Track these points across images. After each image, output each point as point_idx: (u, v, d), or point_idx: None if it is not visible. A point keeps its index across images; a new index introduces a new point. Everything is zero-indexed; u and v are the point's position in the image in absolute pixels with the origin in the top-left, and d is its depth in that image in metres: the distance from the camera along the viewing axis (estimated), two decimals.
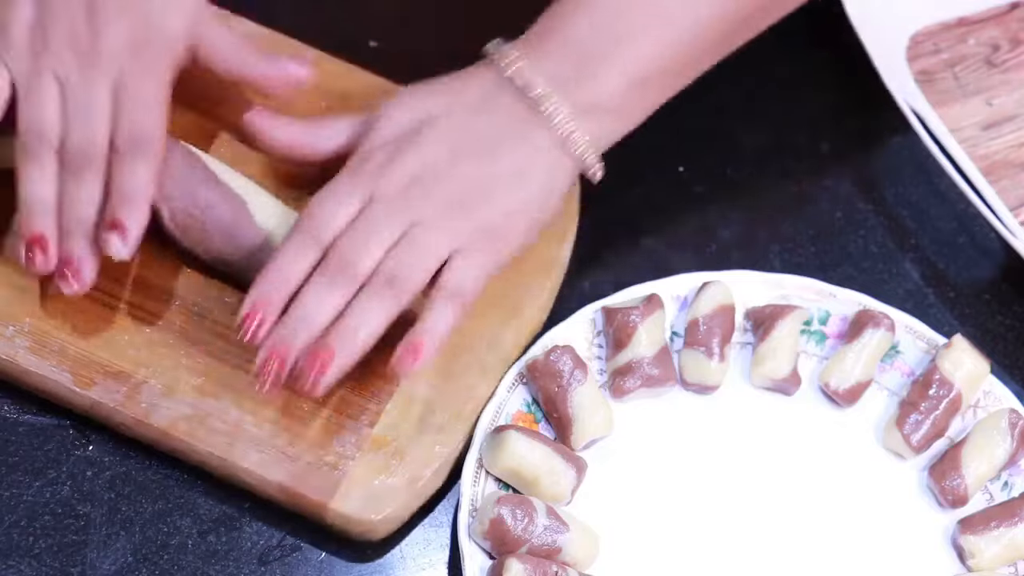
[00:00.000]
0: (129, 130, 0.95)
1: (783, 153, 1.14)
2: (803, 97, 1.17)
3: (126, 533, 0.95)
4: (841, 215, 1.11)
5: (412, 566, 0.96)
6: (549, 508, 0.94)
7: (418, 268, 0.95)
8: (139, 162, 0.95)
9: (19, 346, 0.97)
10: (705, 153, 1.13)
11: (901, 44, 1.17)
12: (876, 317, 1.01)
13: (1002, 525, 0.97)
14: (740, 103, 1.15)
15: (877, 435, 1.02)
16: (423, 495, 0.96)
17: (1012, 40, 1.18)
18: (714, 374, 1.01)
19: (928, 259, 1.10)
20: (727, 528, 0.98)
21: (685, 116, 1.02)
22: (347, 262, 0.94)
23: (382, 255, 0.95)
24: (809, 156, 1.14)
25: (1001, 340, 1.07)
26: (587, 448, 0.99)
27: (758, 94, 1.16)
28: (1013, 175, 1.12)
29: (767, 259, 1.08)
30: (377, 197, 0.95)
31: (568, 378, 0.98)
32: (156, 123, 0.96)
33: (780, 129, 1.15)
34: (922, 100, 1.14)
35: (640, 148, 1.01)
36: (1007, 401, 1.02)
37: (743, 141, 1.14)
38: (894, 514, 0.99)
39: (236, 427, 0.95)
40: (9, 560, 0.94)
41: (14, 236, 0.98)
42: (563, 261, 1.04)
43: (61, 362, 0.97)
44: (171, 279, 1.01)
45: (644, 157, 1.04)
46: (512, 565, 0.91)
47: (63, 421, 0.98)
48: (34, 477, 0.96)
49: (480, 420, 0.98)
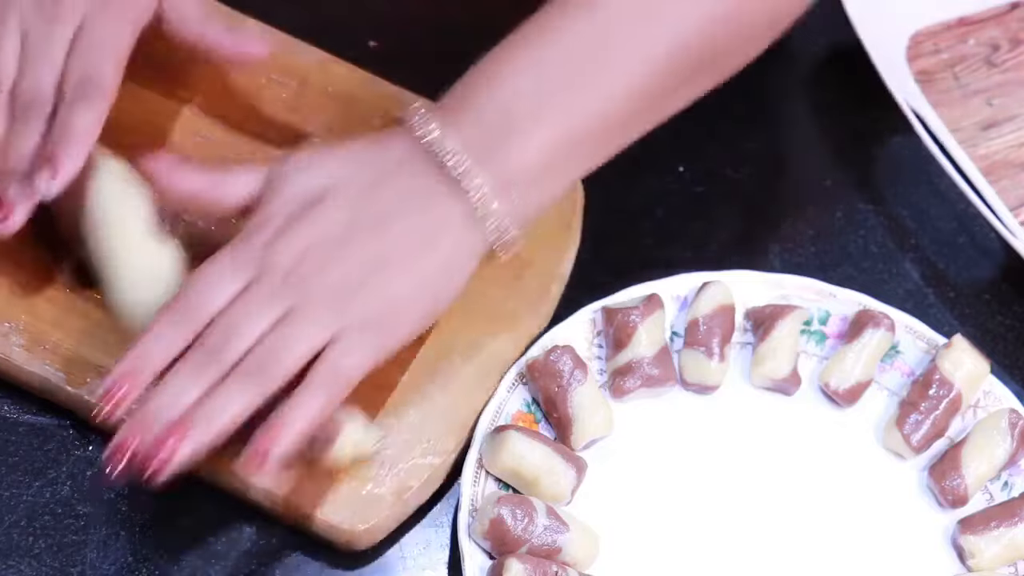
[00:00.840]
0: (80, 73, 0.94)
1: (783, 153, 1.14)
2: (803, 97, 1.17)
3: (126, 533, 0.95)
4: (841, 215, 1.11)
5: (412, 566, 0.96)
6: (549, 508, 0.94)
7: (288, 357, 0.88)
8: (84, 103, 0.93)
9: (14, 344, 0.97)
10: (705, 153, 1.13)
11: (901, 44, 1.17)
12: (876, 317, 1.01)
13: (1002, 525, 0.97)
14: (740, 103, 1.15)
15: (877, 435, 1.02)
16: (411, 506, 0.95)
17: (1012, 40, 1.18)
18: (714, 374, 1.01)
19: (928, 259, 1.10)
20: (727, 528, 0.98)
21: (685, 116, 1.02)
22: (217, 349, 0.88)
23: (255, 341, 0.88)
24: (809, 156, 1.14)
25: (1001, 340, 1.07)
26: (587, 448, 0.99)
27: (758, 94, 1.16)
28: (1013, 175, 1.12)
29: (767, 259, 1.08)
30: (260, 276, 0.89)
31: (568, 378, 0.98)
32: (109, 69, 0.95)
33: (780, 129, 1.15)
34: (922, 100, 1.14)
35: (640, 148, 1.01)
36: (1007, 401, 1.02)
37: (743, 141, 1.14)
38: (894, 514, 0.99)
39: None
40: (9, 560, 0.94)
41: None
42: (564, 274, 1.04)
43: (55, 361, 0.96)
44: None
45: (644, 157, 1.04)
46: (512, 565, 0.91)
47: (63, 421, 0.98)
48: (34, 477, 0.96)
49: (480, 420, 0.98)
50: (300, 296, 0.89)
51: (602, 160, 0.96)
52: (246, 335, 0.88)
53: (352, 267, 0.90)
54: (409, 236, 0.91)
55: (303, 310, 0.89)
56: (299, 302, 0.89)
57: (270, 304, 0.89)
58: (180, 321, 0.89)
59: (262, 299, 0.89)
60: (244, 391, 0.88)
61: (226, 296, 0.89)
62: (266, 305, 0.89)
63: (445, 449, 0.96)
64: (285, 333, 0.89)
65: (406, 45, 1.14)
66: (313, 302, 0.89)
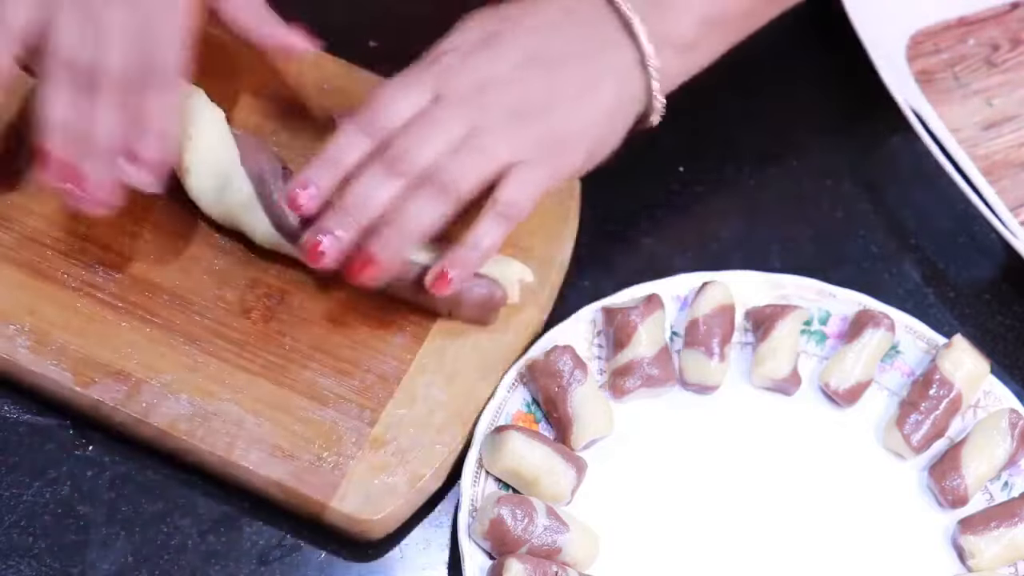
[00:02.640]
0: (147, 59, 0.94)
1: (783, 153, 1.14)
2: (803, 97, 1.17)
3: (126, 533, 0.95)
4: (841, 215, 1.11)
5: (412, 566, 0.96)
6: (549, 508, 0.94)
7: (475, 173, 0.94)
8: (155, 93, 0.94)
9: (19, 345, 0.97)
10: (705, 153, 1.13)
11: (901, 44, 1.17)
12: (876, 317, 1.02)
13: (1002, 525, 0.97)
14: (740, 103, 1.15)
15: (877, 435, 1.02)
16: (423, 494, 0.96)
17: (1012, 40, 1.18)
18: (714, 374, 1.01)
19: (928, 259, 1.10)
20: (727, 528, 0.98)
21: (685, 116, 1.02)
22: (404, 156, 0.94)
23: (440, 154, 0.94)
24: (809, 156, 1.14)
25: (1001, 340, 1.07)
26: (587, 448, 0.99)
27: (758, 94, 1.16)
28: (1013, 175, 1.12)
29: (767, 259, 1.08)
30: (442, 97, 0.95)
31: (568, 378, 0.98)
32: (173, 57, 0.95)
33: (780, 129, 1.15)
34: (922, 100, 1.14)
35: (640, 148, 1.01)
36: (1007, 401, 1.02)
37: (743, 141, 1.14)
38: (894, 514, 0.99)
39: (236, 426, 0.95)
40: (9, 560, 0.94)
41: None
42: (563, 261, 1.04)
43: (61, 361, 0.97)
44: (171, 278, 1.01)
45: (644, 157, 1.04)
46: (512, 565, 0.91)
47: (63, 421, 0.98)
48: (34, 477, 0.96)
49: (480, 420, 0.98)
50: (481, 118, 0.95)
51: (738, 39, 1.03)
52: (431, 147, 0.94)
53: (529, 96, 0.96)
54: (579, 78, 0.97)
55: (486, 130, 0.94)
56: (481, 124, 0.95)
57: (452, 123, 0.94)
58: (366, 129, 0.94)
59: (445, 117, 0.94)
60: (435, 204, 0.93)
61: (408, 111, 0.95)
62: (449, 123, 0.94)
63: (454, 438, 0.97)
64: (472, 151, 0.94)
65: (406, 45, 1.13)
66: (495, 124, 0.95)
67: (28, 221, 1.01)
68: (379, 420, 0.97)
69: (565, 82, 0.97)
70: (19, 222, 1.01)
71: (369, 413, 0.97)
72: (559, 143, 0.96)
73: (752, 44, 1.04)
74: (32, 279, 0.99)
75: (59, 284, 0.99)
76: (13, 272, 0.99)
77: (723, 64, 1.03)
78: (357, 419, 0.97)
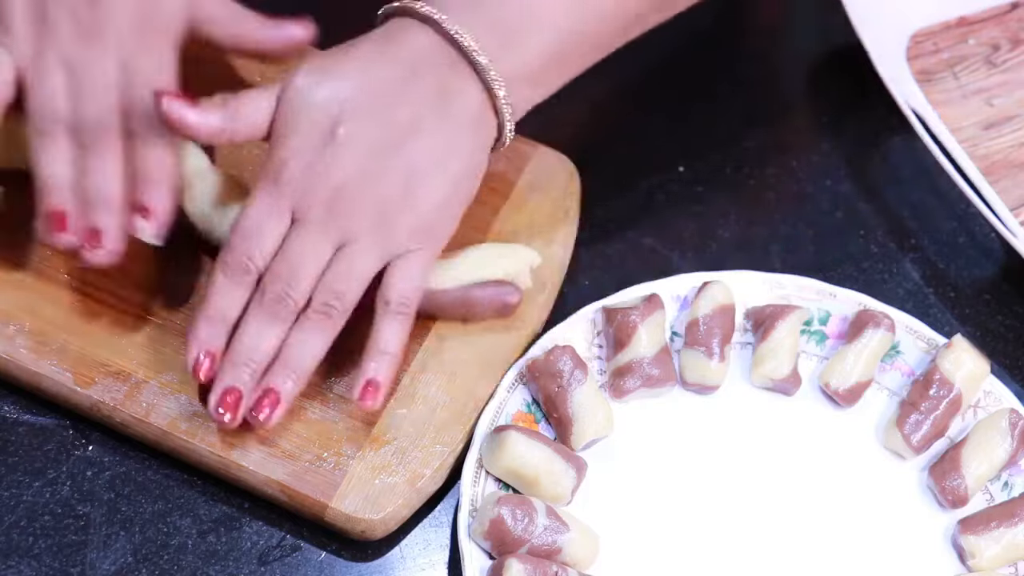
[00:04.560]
0: (142, 107, 0.95)
1: (783, 153, 1.14)
2: (803, 97, 1.17)
3: (126, 533, 0.95)
4: (841, 215, 1.11)
5: (412, 566, 0.96)
6: (549, 508, 0.94)
7: (354, 288, 0.94)
8: (156, 141, 0.95)
9: (19, 345, 0.97)
10: (705, 153, 1.13)
11: (901, 44, 1.17)
12: (876, 317, 1.02)
13: (1002, 525, 0.97)
14: (740, 103, 1.15)
15: (877, 435, 1.02)
16: (423, 494, 0.96)
17: (1012, 40, 1.18)
18: (714, 374, 1.01)
19: (928, 259, 1.10)
20: (727, 528, 0.98)
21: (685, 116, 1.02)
22: (282, 298, 0.93)
23: (315, 280, 0.94)
24: (809, 156, 1.14)
25: (1001, 340, 1.07)
26: (587, 448, 0.99)
27: (758, 94, 1.16)
28: (1013, 175, 1.12)
29: (767, 259, 1.08)
30: (301, 217, 0.94)
31: (568, 378, 0.98)
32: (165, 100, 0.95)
33: (780, 129, 1.15)
34: (922, 100, 1.14)
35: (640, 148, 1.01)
36: (1007, 401, 1.02)
37: (743, 141, 1.14)
38: (894, 514, 0.99)
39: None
40: (9, 560, 0.94)
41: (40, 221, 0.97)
42: (563, 262, 1.04)
43: (61, 361, 0.97)
44: (171, 278, 1.01)
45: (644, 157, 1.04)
46: (512, 565, 0.91)
47: (63, 421, 0.98)
48: (34, 477, 0.96)
49: (480, 420, 0.98)
50: (346, 231, 0.94)
51: (585, 68, 1.00)
52: (307, 277, 0.93)
53: (385, 194, 0.94)
54: (433, 145, 0.95)
55: (354, 243, 0.94)
56: (347, 236, 0.94)
57: (319, 245, 0.94)
58: (238, 274, 0.94)
59: (311, 242, 0.94)
60: (322, 331, 0.94)
61: (273, 240, 0.94)
62: (316, 247, 0.93)
63: (454, 438, 0.97)
64: (344, 269, 0.94)
65: None
66: (361, 233, 0.94)
67: (28, 221, 1.01)
68: (379, 420, 0.97)
69: (419, 157, 0.94)
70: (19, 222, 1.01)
71: (369, 413, 0.97)
72: (429, 225, 0.95)
73: (752, 44, 1.04)
74: (32, 279, 0.99)
75: (59, 284, 0.99)
76: (13, 272, 0.99)
77: (723, 63, 1.03)
78: (357, 419, 0.97)
